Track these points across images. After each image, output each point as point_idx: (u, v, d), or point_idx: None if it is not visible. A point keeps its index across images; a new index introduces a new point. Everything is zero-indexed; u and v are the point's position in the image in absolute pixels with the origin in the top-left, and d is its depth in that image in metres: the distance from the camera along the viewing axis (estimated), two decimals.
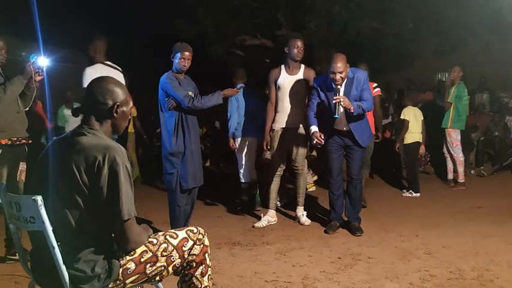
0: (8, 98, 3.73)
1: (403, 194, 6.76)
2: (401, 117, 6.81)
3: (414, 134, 6.73)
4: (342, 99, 4.34)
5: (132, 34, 10.33)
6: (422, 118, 6.86)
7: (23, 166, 3.95)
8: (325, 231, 4.80)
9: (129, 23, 9.81)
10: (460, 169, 7.14)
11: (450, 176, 7.41)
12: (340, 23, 7.27)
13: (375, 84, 5.91)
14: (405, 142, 6.82)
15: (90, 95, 2.16)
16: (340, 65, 4.41)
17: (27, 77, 3.81)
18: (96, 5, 9.90)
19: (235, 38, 8.32)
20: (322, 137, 4.55)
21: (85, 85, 4.58)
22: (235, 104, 5.82)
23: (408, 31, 7.59)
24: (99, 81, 2.20)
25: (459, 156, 7.12)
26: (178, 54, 4.28)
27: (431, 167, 8.42)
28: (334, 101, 4.37)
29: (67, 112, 7.71)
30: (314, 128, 4.62)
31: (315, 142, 4.59)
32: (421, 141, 6.83)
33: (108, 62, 4.72)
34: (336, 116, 4.41)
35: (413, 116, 6.74)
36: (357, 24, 7.22)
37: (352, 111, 4.42)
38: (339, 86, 4.44)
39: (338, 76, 4.41)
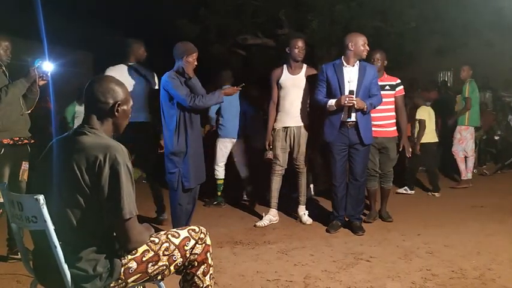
0: (9, 99, 3.74)
1: (433, 194, 6.65)
2: (417, 117, 6.65)
3: (427, 134, 6.64)
4: (355, 102, 4.38)
5: (133, 33, 10.33)
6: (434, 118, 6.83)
7: (25, 166, 3.96)
8: (327, 231, 4.79)
9: (130, 22, 9.82)
10: (462, 166, 7.16)
11: (469, 175, 7.34)
12: (342, 22, 7.25)
13: (398, 81, 5.20)
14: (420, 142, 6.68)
15: (91, 94, 2.15)
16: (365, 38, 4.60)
17: (30, 81, 3.82)
18: (96, 5, 9.90)
19: (236, 38, 8.32)
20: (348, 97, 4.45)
21: None
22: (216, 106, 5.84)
23: (410, 30, 7.58)
24: (100, 80, 2.20)
25: (459, 154, 7.12)
26: (190, 56, 4.26)
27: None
28: (348, 103, 4.41)
29: (79, 108, 7.63)
30: (331, 101, 4.57)
31: (346, 102, 4.43)
32: (435, 140, 6.77)
33: (132, 64, 4.89)
34: (349, 118, 4.51)
35: (427, 115, 6.64)
36: (358, 23, 7.20)
37: (365, 110, 4.45)
38: (354, 101, 4.42)
39: (366, 46, 4.55)
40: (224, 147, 6.04)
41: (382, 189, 5.32)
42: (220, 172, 6.08)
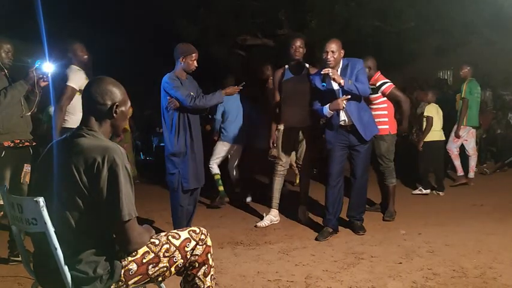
0: (8, 101, 3.73)
1: (437, 193, 6.61)
2: (425, 113, 6.60)
3: (435, 132, 6.60)
4: (330, 71, 4.30)
5: (133, 34, 10.35)
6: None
7: (27, 168, 3.95)
8: (316, 239, 4.54)
9: (131, 23, 9.83)
10: (457, 163, 7.14)
11: (471, 174, 7.33)
12: (341, 22, 7.27)
13: (382, 81, 5.24)
14: (427, 139, 6.64)
15: (89, 95, 2.16)
16: (333, 46, 4.42)
17: (29, 82, 3.81)
18: (96, 5, 9.91)
19: (236, 38, 8.33)
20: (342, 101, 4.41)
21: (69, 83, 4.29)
22: (221, 109, 6.13)
23: (409, 29, 7.60)
24: (97, 81, 2.20)
25: (454, 151, 7.09)
26: (189, 57, 4.28)
27: None
28: (322, 72, 4.35)
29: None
30: (326, 108, 4.52)
31: (342, 107, 4.41)
32: (442, 139, 6.73)
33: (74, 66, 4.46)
34: (324, 84, 4.41)
35: (436, 113, 6.58)
36: (358, 23, 7.22)
37: (342, 84, 4.33)
38: (330, 70, 4.35)
39: (330, 55, 4.40)
40: (223, 149, 6.23)
41: (386, 187, 5.39)
42: (214, 167, 6.21)
